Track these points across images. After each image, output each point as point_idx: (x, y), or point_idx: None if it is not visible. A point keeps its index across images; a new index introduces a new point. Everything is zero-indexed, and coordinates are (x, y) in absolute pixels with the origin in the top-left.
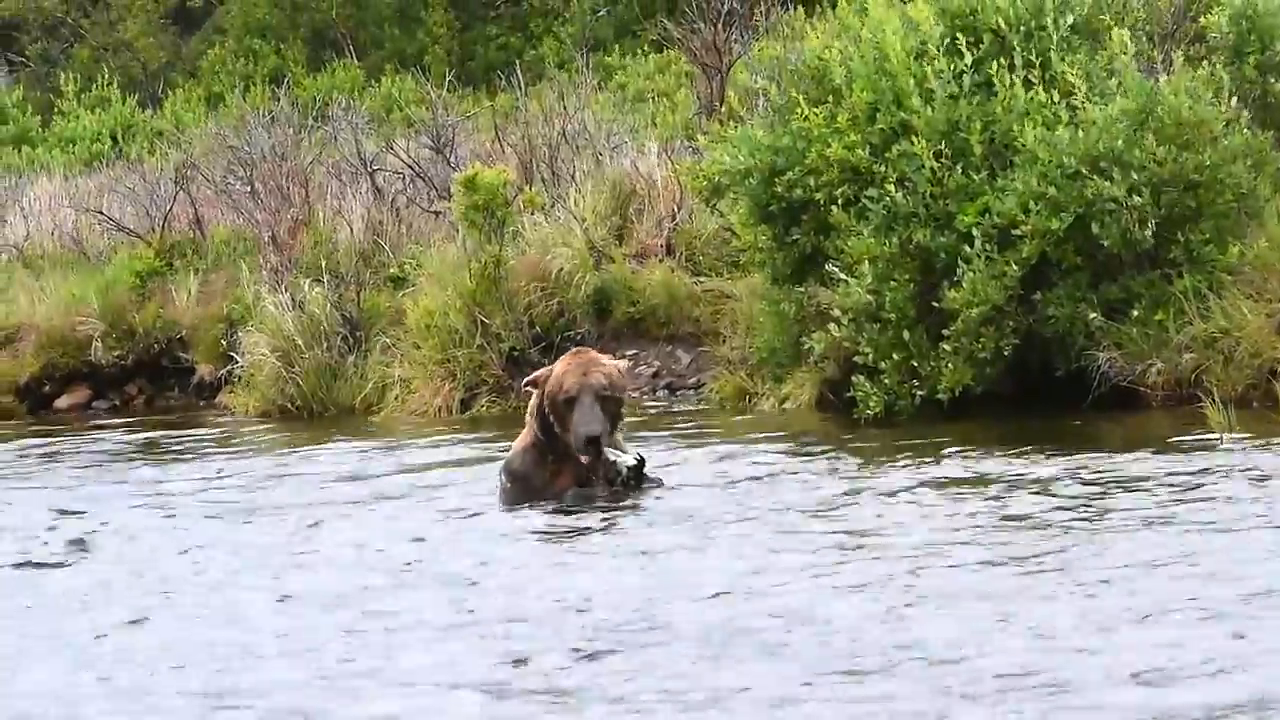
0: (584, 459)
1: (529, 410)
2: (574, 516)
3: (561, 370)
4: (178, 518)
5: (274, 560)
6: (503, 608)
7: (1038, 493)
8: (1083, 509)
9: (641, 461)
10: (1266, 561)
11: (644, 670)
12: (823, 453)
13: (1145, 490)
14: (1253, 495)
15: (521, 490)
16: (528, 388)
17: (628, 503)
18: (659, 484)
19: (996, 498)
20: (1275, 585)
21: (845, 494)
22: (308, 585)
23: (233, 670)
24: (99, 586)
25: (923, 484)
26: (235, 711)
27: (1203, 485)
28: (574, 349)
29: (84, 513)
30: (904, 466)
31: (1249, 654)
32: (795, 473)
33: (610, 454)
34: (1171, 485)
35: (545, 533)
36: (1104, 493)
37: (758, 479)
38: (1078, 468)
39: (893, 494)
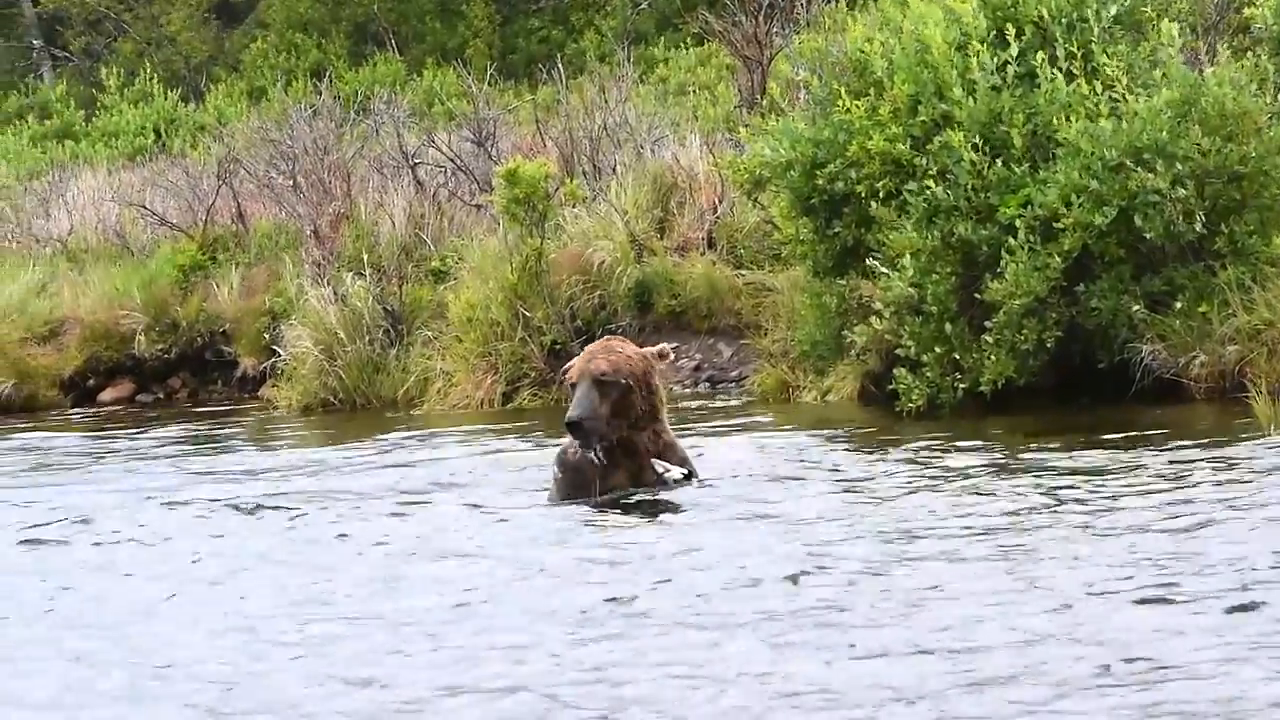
0: (573, 447)
1: None
2: (619, 511)
3: (579, 358)
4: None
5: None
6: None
7: (1080, 484)
8: (1125, 501)
9: (688, 476)
10: None
11: (705, 662)
12: (864, 445)
13: (1190, 482)
14: None
15: (573, 482)
16: (564, 377)
17: (673, 497)
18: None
19: (1039, 489)
20: None
21: (890, 485)
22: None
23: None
24: (116, 578)
25: (967, 476)
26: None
27: (1248, 478)
28: (605, 336)
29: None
30: (947, 459)
31: None
32: (837, 465)
33: (658, 466)
34: (1216, 478)
35: (592, 526)
36: (1147, 485)
37: (801, 471)
38: (1120, 460)
39: (937, 486)
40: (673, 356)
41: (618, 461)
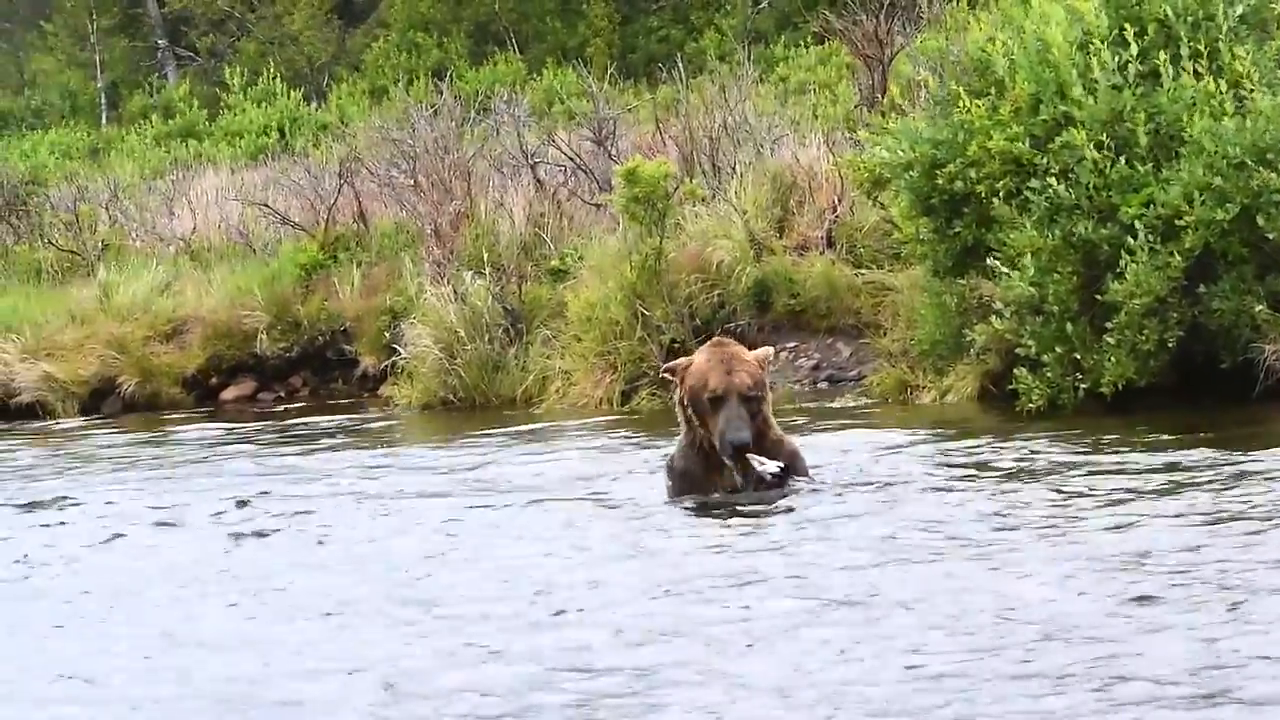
0: (730, 462)
1: (676, 401)
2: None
3: (704, 364)
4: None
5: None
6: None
7: (1204, 485)
8: (1249, 503)
9: (784, 469)
10: None
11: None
12: (987, 445)
13: None
14: None
15: (684, 487)
16: (666, 374)
17: (780, 504)
18: (810, 480)
19: (1165, 490)
20: None
21: (1013, 486)
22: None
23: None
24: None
25: (1092, 476)
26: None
27: None
28: (714, 339)
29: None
30: (1070, 458)
31: None
32: (960, 465)
33: (754, 460)
34: None
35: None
36: (1271, 486)
37: (923, 472)
38: (1243, 461)
39: (1062, 486)
40: (773, 357)
41: (717, 460)
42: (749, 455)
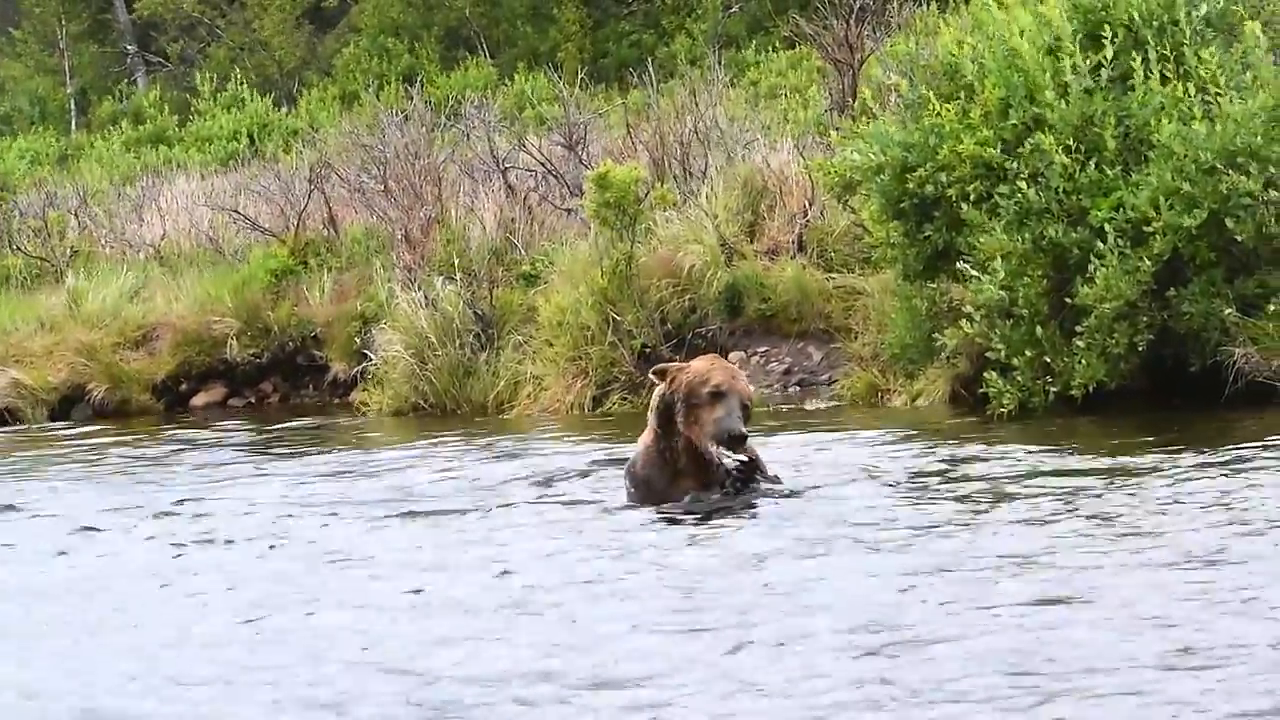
0: (712, 450)
1: (650, 406)
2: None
3: (706, 366)
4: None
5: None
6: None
7: (1174, 488)
8: (1216, 506)
9: (749, 463)
10: None
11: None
12: (956, 449)
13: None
14: None
15: (644, 494)
16: (654, 376)
17: (743, 504)
18: (776, 481)
19: (1134, 493)
20: None
21: (983, 490)
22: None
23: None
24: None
25: (1059, 479)
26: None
27: None
28: (711, 355)
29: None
30: (1039, 462)
31: None
32: (930, 470)
33: (717, 453)
34: None
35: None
36: (1236, 490)
37: (893, 476)
38: (1212, 464)
39: (1030, 490)
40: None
41: (690, 470)
42: (714, 449)
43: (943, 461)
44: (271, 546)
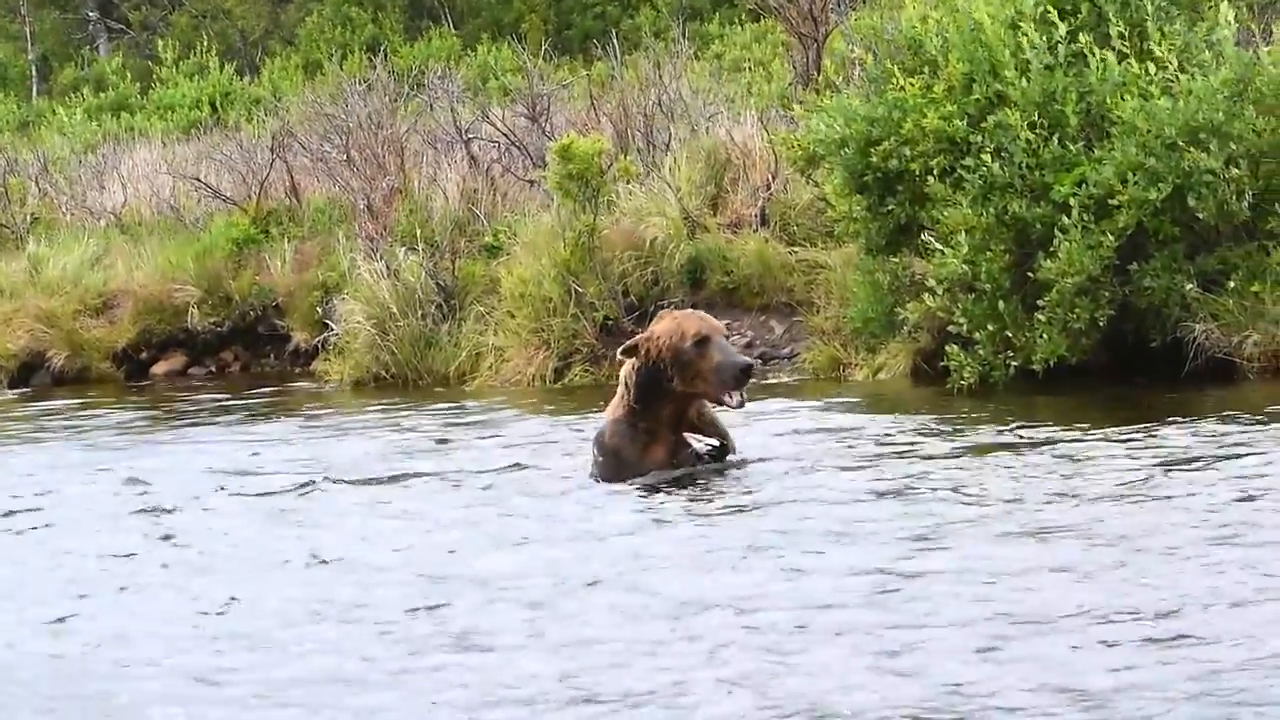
0: (730, 399)
1: (622, 379)
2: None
3: (673, 323)
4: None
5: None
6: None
7: (1129, 461)
8: (1173, 480)
9: (720, 447)
10: None
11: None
12: (917, 422)
13: (1239, 460)
14: None
15: (615, 465)
16: (624, 356)
17: (715, 477)
18: (742, 462)
19: (1090, 467)
20: None
21: (940, 463)
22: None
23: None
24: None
25: (1016, 453)
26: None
27: None
28: (663, 312)
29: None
30: (998, 436)
31: None
32: (890, 443)
33: (691, 438)
34: (1268, 456)
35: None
36: (1196, 463)
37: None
38: (1171, 438)
39: (987, 464)
40: None
41: (661, 436)
42: (686, 435)
43: (899, 434)
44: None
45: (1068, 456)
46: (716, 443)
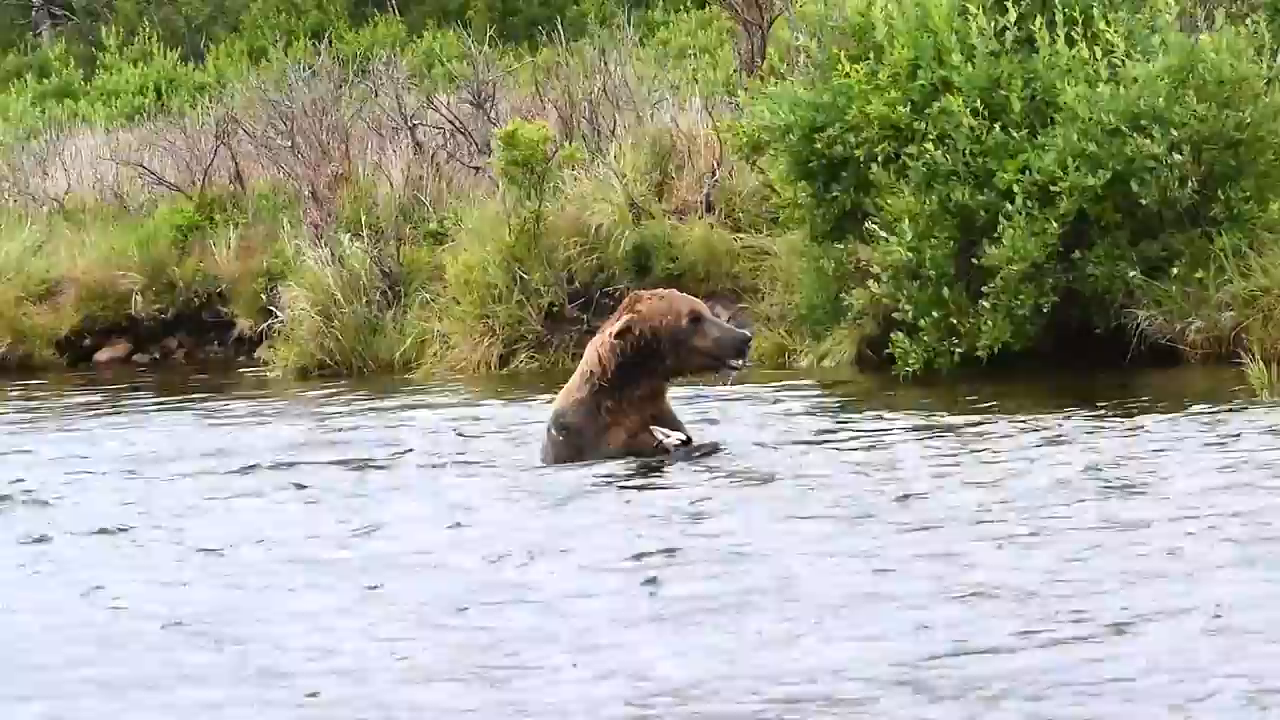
0: (735, 363)
1: (594, 359)
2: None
3: (661, 304)
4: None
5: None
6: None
7: (1072, 448)
8: (1115, 467)
9: (687, 440)
10: None
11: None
12: (860, 410)
13: (1180, 448)
14: None
15: (573, 444)
16: (617, 340)
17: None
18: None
19: (1032, 455)
20: None
21: (879, 451)
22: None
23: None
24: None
25: (960, 440)
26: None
27: (1239, 442)
28: (637, 293)
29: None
30: (942, 423)
31: None
32: (833, 430)
33: (659, 433)
34: (1209, 443)
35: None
36: (1136, 450)
37: (795, 438)
38: (1113, 424)
39: (931, 451)
40: None
41: (623, 420)
42: (652, 428)
43: (836, 421)
44: None
45: (986, 442)
46: (684, 437)
